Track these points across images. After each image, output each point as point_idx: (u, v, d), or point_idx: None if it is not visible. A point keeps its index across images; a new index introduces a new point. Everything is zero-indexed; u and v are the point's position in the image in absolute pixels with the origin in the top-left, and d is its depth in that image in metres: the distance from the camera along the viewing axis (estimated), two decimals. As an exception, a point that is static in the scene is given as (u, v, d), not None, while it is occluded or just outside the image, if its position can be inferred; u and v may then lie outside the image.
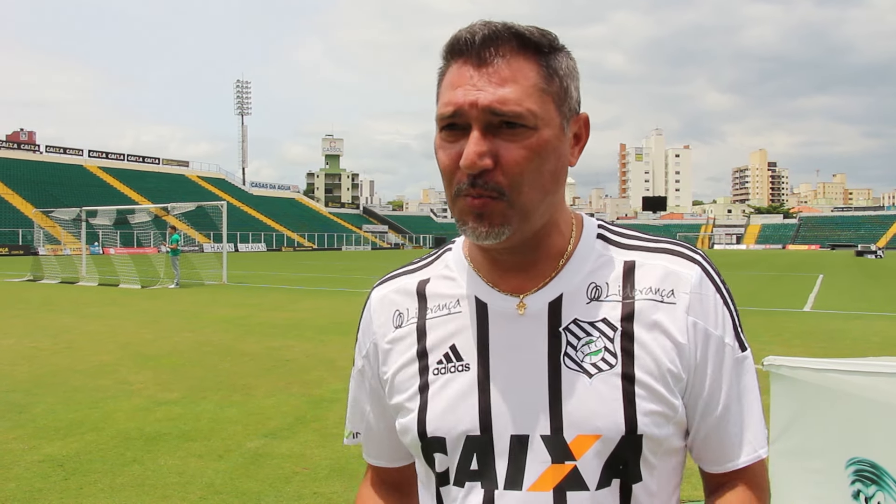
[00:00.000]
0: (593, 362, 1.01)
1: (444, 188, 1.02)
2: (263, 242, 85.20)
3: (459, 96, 0.95)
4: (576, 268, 1.07)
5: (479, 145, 0.94)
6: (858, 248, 73.41)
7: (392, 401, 1.14)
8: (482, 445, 1.03)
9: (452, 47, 0.99)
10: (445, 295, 1.13)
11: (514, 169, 0.95)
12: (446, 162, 0.99)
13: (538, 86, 0.97)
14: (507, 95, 0.94)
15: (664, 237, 1.12)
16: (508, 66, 0.96)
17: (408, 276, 1.20)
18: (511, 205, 0.96)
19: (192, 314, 15.27)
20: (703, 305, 1.04)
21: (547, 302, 1.05)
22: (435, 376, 1.08)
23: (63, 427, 6.20)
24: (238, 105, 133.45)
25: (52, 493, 4.64)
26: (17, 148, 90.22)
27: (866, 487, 2.24)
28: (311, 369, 8.87)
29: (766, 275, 32.88)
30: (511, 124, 0.95)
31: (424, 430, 1.07)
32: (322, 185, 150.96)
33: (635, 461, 1.01)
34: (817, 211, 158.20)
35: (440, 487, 1.09)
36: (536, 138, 0.96)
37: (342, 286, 24.38)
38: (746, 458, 1.07)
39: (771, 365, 2.43)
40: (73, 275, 27.42)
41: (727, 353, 1.05)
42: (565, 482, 1.00)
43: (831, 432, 2.33)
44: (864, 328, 13.04)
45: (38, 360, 9.56)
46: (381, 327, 1.17)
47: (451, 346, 1.09)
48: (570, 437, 1.00)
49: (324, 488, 4.73)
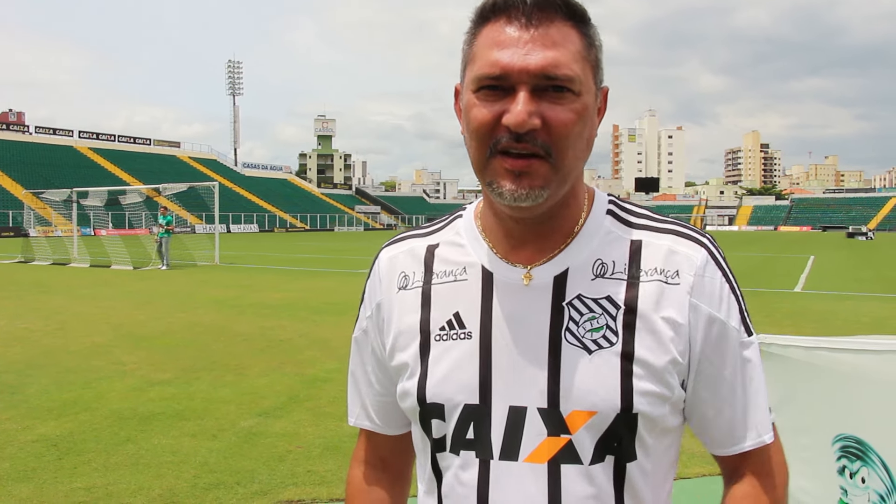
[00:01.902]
0: (594, 339, 1.02)
1: (474, 150, 0.99)
2: (255, 223, 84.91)
3: (507, 57, 0.94)
4: (584, 243, 1.07)
5: (529, 104, 0.93)
6: (850, 230, 73.65)
7: (393, 362, 1.14)
8: (479, 414, 1.04)
9: (497, 5, 0.97)
10: (453, 261, 1.12)
11: (562, 131, 0.95)
12: (483, 120, 0.96)
13: (581, 52, 0.97)
14: (559, 59, 0.94)
15: (674, 218, 1.11)
16: (558, 31, 0.95)
17: (417, 239, 1.19)
18: (555, 167, 0.96)
19: (185, 295, 15.25)
20: (708, 288, 1.04)
21: (553, 275, 1.05)
22: (437, 342, 1.08)
23: (56, 407, 6.21)
24: (230, 86, 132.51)
25: (46, 473, 4.65)
26: (7, 129, 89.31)
27: (851, 463, 2.27)
28: (305, 349, 8.89)
29: (757, 255, 33.01)
30: (558, 88, 0.94)
31: (424, 396, 1.07)
32: (314, 165, 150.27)
33: (630, 439, 1.01)
34: (809, 192, 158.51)
35: (436, 453, 1.10)
36: (580, 103, 0.96)
37: (335, 267, 24.37)
38: (752, 442, 1.08)
39: (762, 343, 2.46)
40: (64, 256, 27.30)
41: (731, 336, 1.05)
42: (560, 455, 1.00)
43: (820, 409, 2.36)
44: (855, 308, 13.14)
45: (31, 341, 9.55)
46: (387, 288, 1.16)
47: (454, 313, 1.09)
48: (567, 412, 1.00)
49: (317, 466, 4.76)
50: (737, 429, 1.07)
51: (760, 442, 1.08)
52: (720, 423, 1.08)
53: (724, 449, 1.10)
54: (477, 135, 0.97)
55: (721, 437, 1.09)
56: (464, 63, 1.02)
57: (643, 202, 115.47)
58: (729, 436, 1.08)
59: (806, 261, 28.74)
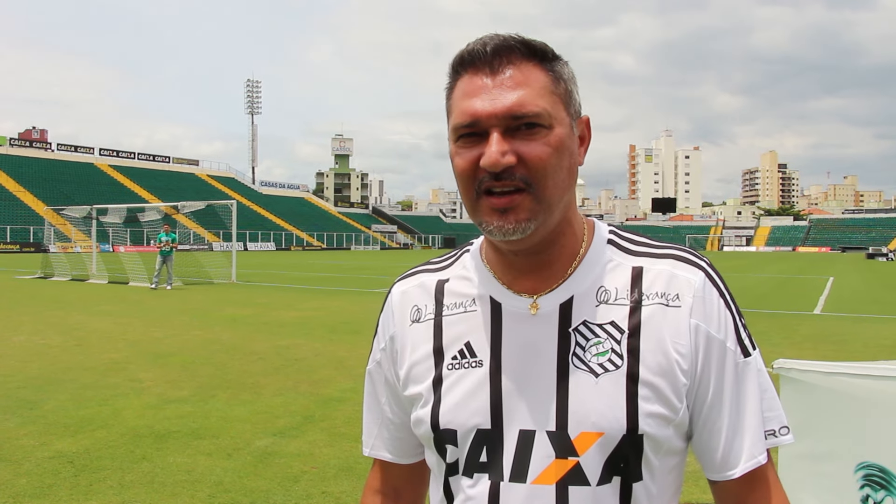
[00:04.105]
0: (600, 363, 1.05)
1: (463, 194, 1.06)
2: (273, 241, 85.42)
3: (477, 105, 1.00)
4: (586, 271, 1.11)
5: (501, 144, 0.98)
6: (869, 251, 72.99)
7: (406, 392, 1.18)
8: (491, 439, 1.08)
9: (463, 59, 1.04)
10: (462, 294, 1.17)
11: (538, 164, 0.99)
12: (464, 165, 1.02)
13: (548, 87, 1.02)
14: (523, 98, 0.99)
15: (671, 243, 1.15)
16: (520, 72, 1.01)
17: (428, 273, 1.24)
18: (537, 198, 1.00)
19: (202, 313, 15.33)
20: (707, 309, 1.07)
21: (558, 303, 1.09)
22: (449, 371, 1.12)
23: (73, 424, 6.24)
24: (248, 104, 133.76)
25: (62, 489, 4.67)
26: (30, 146, 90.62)
27: (875, 492, 2.24)
28: (320, 368, 8.89)
29: (776, 277, 32.76)
30: (529, 125, 0.99)
31: (437, 423, 1.11)
32: (331, 184, 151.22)
33: (636, 460, 1.04)
34: (828, 213, 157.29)
35: (449, 477, 1.13)
36: (554, 136, 1.01)
37: (351, 286, 24.42)
38: (744, 466, 1.09)
39: (781, 368, 2.43)
40: (83, 272, 27.54)
41: (728, 357, 1.08)
42: (568, 477, 1.04)
43: (841, 436, 2.33)
44: (876, 331, 12.97)
45: (49, 356, 9.61)
46: (400, 321, 1.21)
47: (465, 343, 1.13)
48: (574, 434, 1.04)
49: (332, 487, 4.75)
50: (729, 454, 1.09)
51: (756, 463, 1.09)
52: (713, 447, 1.10)
53: (715, 474, 1.11)
54: (461, 180, 1.04)
55: (713, 462, 1.11)
56: (447, 117, 1.08)
57: (660, 222, 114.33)
58: (721, 461, 1.10)
59: (825, 282, 28.47)
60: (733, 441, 1.08)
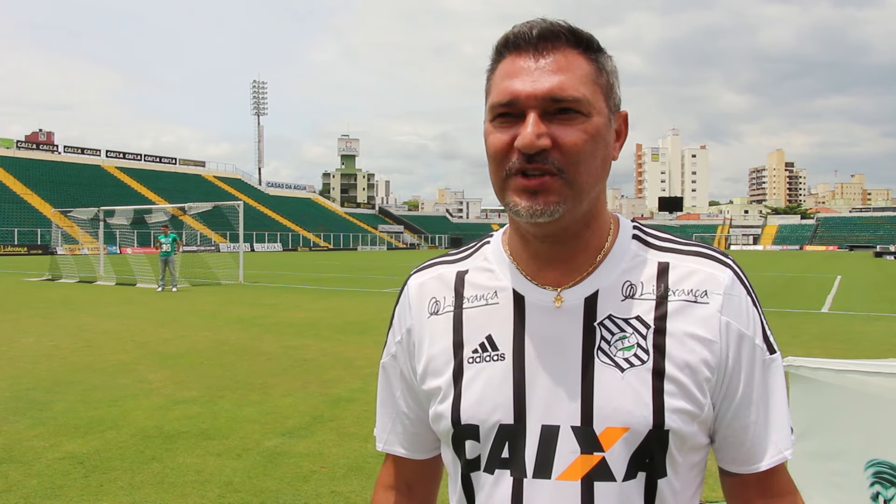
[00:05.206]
0: (626, 357, 1.04)
1: (492, 173, 1.04)
2: (279, 242, 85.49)
3: (517, 86, 0.99)
4: (612, 265, 1.10)
5: (538, 126, 0.97)
6: (877, 249, 72.70)
7: (424, 386, 1.16)
8: (514, 434, 1.06)
9: (508, 41, 1.03)
10: (483, 286, 1.15)
11: (572, 149, 0.98)
12: (498, 145, 1.01)
13: (590, 76, 1.02)
14: (564, 82, 0.98)
15: (695, 241, 1.15)
16: (565, 57, 1.00)
17: (446, 265, 1.22)
18: (569, 183, 0.99)
19: (210, 313, 15.37)
20: (736, 306, 1.07)
21: (583, 297, 1.08)
22: (470, 365, 1.11)
23: (83, 425, 6.27)
24: (255, 105, 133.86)
25: (72, 490, 4.69)
26: (36, 148, 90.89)
27: (885, 489, 2.24)
28: (329, 368, 8.89)
29: (783, 275, 32.65)
30: (566, 110, 0.98)
31: (458, 418, 1.09)
32: (338, 185, 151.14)
33: (661, 456, 1.03)
34: (835, 212, 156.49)
35: (470, 473, 1.11)
36: (590, 124, 1.00)
37: (358, 286, 24.44)
38: (770, 460, 1.09)
39: (790, 366, 2.43)
40: (90, 274, 27.63)
41: (757, 354, 1.08)
42: (593, 472, 1.03)
43: (851, 434, 2.32)
44: (884, 330, 12.93)
45: (58, 358, 9.66)
46: (417, 313, 1.19)
47: (487, 336, 1.11)
48: (600, 429, 1.03)
49: (342, 487, 4.76)
50: (757, 447, 1.09)
51: (781, 458, 1.10)
52: (740, 441, 1.10)
53: (741, 466, 1.11)
54: (494, 159, 1.02)
55: (740, 456, 1.11)
56: (485, 97, 1.08)
57: (666, 221, 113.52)
58: (749, 454, 1.10)
59: (833, 280, 28.37)
60: (761, 435, 1.09)
